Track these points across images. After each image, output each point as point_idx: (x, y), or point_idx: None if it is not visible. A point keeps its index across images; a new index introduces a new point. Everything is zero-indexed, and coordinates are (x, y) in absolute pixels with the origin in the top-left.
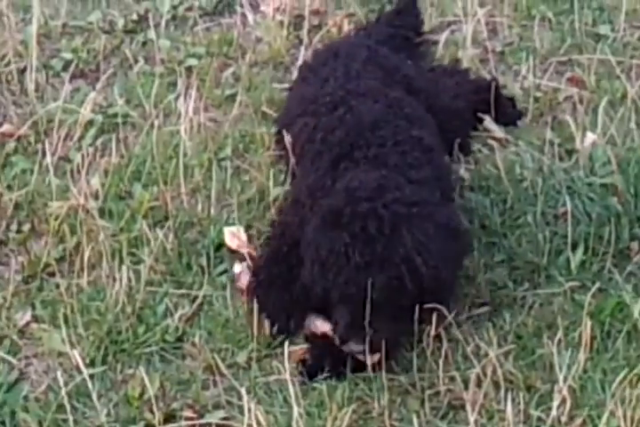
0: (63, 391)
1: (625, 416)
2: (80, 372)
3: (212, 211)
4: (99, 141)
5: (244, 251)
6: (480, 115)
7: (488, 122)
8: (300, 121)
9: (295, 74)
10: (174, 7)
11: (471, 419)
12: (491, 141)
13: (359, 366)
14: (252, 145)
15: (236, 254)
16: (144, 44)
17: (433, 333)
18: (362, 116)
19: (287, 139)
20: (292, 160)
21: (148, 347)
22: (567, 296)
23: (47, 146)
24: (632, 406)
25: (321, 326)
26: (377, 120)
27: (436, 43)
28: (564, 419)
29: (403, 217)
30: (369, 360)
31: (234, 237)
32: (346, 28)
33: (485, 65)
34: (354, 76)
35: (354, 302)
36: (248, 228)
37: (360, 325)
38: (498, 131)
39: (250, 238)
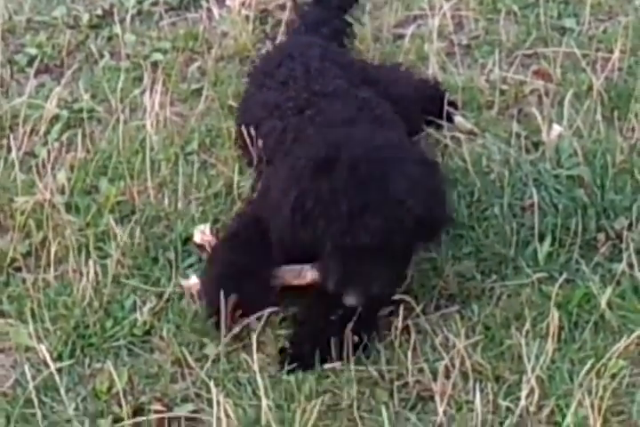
0: (31, 386)
1: (592, 406)
2: (47, 366)
3: (179, 205)
4: (64, 136)
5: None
6: (450, 111)
7: (458, 118)
8: (266, 123)
9: None
10: (139, 2)
11: (440, 410)
12: (458, 134)
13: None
14: (218, 139)
15: (202, 248)
16: (109, 38)
17: (401, 324)
18: (332, 117)
19: (246, 133)
20: (254, 154)
21: (116, 341)
22: (535, 287)
23: (12, 141)
24: (599, 395)
25: (310, 275)
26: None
27: (402, 37)
28: (532, 409)
29: (392, 160)
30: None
31: (202, 235)
32: None
33: (451, 58)
34: (315, 76)
35: (347, 252)
36: (215, 222)
37: (354, 276)
38: (467, 124)
39: (217, 232)
